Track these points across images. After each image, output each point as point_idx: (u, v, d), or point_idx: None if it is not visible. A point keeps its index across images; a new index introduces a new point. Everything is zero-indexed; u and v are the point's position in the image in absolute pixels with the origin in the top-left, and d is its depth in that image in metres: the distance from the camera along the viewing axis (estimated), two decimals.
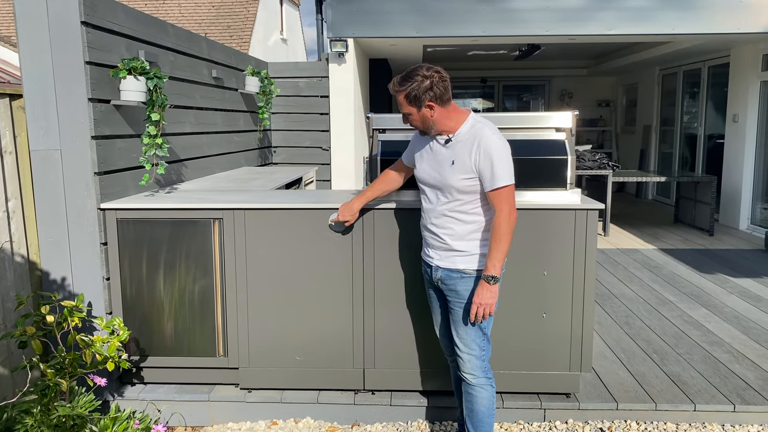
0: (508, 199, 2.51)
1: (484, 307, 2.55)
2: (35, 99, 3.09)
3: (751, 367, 3.75)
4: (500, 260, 2.53)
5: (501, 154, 2.50)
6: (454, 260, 2.65)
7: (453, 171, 2.55)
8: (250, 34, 16.12)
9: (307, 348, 3.34)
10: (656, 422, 3.28)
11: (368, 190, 3.04)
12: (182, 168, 4.29)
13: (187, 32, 4.41)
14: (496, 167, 2.48)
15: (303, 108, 6.93)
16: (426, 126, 2.61)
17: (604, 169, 7.79)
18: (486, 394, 2.71)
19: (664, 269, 6.12)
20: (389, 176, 3.00)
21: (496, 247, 2.51)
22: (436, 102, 2.52)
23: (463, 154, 2.54)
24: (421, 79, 2.50)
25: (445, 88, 2.53)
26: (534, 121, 3.34)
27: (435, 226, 2.67)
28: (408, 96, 2.53)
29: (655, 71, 10.84)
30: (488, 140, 2.51)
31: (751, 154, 8.01)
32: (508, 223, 2.50)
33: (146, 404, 3.35)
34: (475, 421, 2.75)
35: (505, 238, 2.51)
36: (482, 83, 13.12)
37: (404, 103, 2.57)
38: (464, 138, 2.56)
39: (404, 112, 2.60)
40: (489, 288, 2.54)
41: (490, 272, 2.53)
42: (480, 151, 2.50)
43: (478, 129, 2.55)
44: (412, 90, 2.51)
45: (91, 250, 3.20)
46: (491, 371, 2.76)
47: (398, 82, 2.55)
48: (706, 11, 6.54)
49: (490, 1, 6.61)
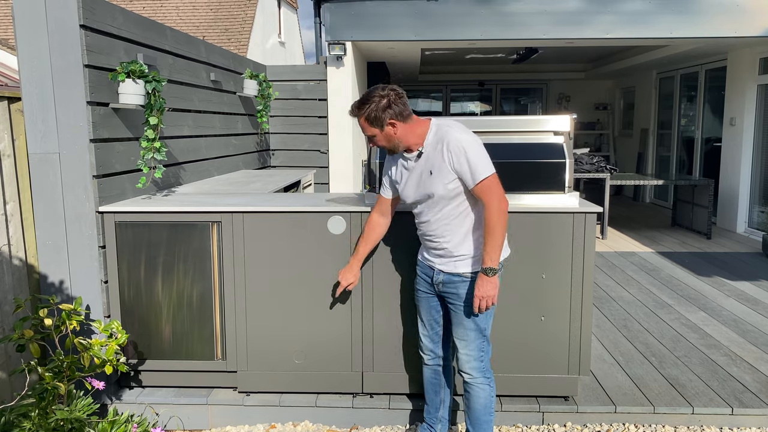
0: (493, 190, 2.52)
1: (486, 299, 2.59)
2: (34, 102, 3.09)
3: (749, 370, 3.76)
4: (497, 252, 2.55)
5: (472, 148, 2.52)
6: (456, 265, 2.67)
7: (434, 180, 2.57)
8: (248, 37, 16.13)
9: (305, 351, 3.33)
10: (654, 425, 3.28)
11: (361, 247, 2.99)
12: (180, 171, 4.29)
13: (186, 35, 4.42)
14: (471, 162, 2.50)
15: (301, 111, 6.94)
16: (392, 144, 2.62)
17: (601, 172, 7.81)
18: (482, 393, 2.74)
19: (662, 272, 6.13)
20: (376, 223, 2.94)
21: (491, 240, 2.53)
22: (397, 119, 2.55)
23: (436, 160, 2.56)
24: (378, 99, 2.53)
25: (403, 104, 2.57)
26: (532, 124, 3.34)
27: (433, 236, 2.70)
28: (368, 118, 2.55)
29: (653, 75, 10.88)
30: (455, 139, 2.53)
31: (748, 157, 8.03)
32: (499, 214, 2.51)
33: (144, 407, 3.34)
34: (473, 419, 2.79)
35: (498, 229, 2.52)
36: (480, 87, 13.15)
37: (366, 125, 2.59)
38: (433, 145, 2.59)
39: (368, 135, 2.62)
40: (489, 280, 2.57)
41: (487, 264, 2.55)
42: (451, 151, 2.52)
43: (443, 132, 2.57)
44: (371, 111, 2.54)
45: (89, 253, 3.20)
46: (491, 371, 2.78)
47: (356, 107, 2.58)
48: (703, 15, 6.57)
49: (488, 5, 6.63)
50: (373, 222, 2.94)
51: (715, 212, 8.54)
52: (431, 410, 3.04)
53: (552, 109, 13.05)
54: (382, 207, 2.91)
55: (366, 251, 3.00)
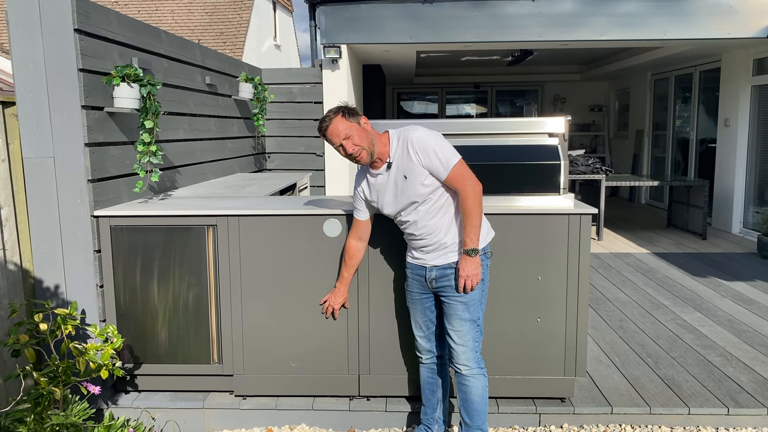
0: (465, 175, 2.60)
1: (471, 278, 2.67)
2: (28, 106, 3.08)
3: (745, 370, 3.77)
4: (476, 234, 2.64)
5: (435, 142, 2.61)
6: (447, 256, 2.73)
7: (412, 183, 2.63)
8: (243, 40, 16.13)
9: (301, 354, 3.33)
10: (651, 426, 3.28)
11: (344, 272, 3.08)
12: (176, 174, 4.28)
13: (181, 39, 4.42)
14: (439, 155, 2.58)
15: (297, 114, 6.94)
16: (369, 141, 2.64)
17: (597, 173, 7.83)
18: (479, 383, 2.79)
19: (658, 273, 6.14)
20: (355, 249, 2.99)
21: (470, 222, 2.62)
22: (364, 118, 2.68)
23: (406, 164, 2.63)
24: (338, 106, 2.67)
25: None
26: (527, 126, 3.35)
27: (421, 234, 2.74)
28: (345, 114, 2.62)
29: (647, 76, 10.91)
30: (415, 137, 2.61)
31: (743, 158, 8.06)
32: (474, 197, 2.60)
33: (140, 412, 3.33)
34: (471, 411, 2.81)
35: (476, 212, 2.61)
36: (475, 89, 13.17)
37: (344, 124, 2.60)
38: (399, 152, 2.65)
39: (345, 134, 2.59)
40: (471, 260, 2.66)
41: (468, 246, 2.65)
42: (417, 151, 2.59)
43: (404, 136, 2.65)
44: (343, 110, 2.64)
45: (84, 258, 3.19)
46: (483, 361, 2.84)
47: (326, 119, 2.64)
48: (696, 17, 6.60)
49: (482, 8, 6.64)
50: (352, 249, 2.99)
51: (710, 213, 8.57)
52: (428, 411, 3.05)
53: (547, 110, 13.08)
54: (359, 231, 2.94)
55: (350, 276, 3.10)
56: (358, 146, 2.61)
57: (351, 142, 2.60)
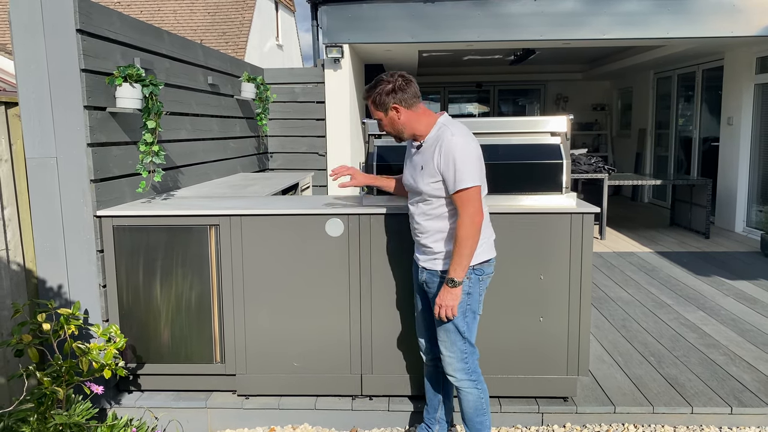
0: (471, 202, 2.49)
1: (445, 308, 2.57)
2: (31, 106, 3.09)
3: (748, 369, 3.76)
4: (462, 265, 2.51)
5: (463, 156, 2.49)
6: (435, 262, 2.68)
7: (422, 176, 2.60)
8: (245, 40, 16.14)
9: (304, 354, 3.33)
10: (654, 425, 3.28)
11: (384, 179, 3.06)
12: (178, 174, 4.29)
13: (183, 39, 4.42)
14: (457, 169, 2.48)
15: (299, 114, 6.94)
16: (396, 130, 2.66)
17: (599, 172, 7.82)
18: (470, 396, 2.74)
19: (661, 272, 6.13)
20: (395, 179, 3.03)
21: (458, 251, 2.51)
22: (401, 105, 2.58)
23: (429, 158, 2.58)
24: (384, 83, 2.58)
25: (411, 91, 2.59)
26: (529, 125, 3.35)
27: (416, 229, 2.74)
28: (375, 101, 2.61)
29: (650, 75, 10.89)
30: (449, 142, 2.50)
31: (746, 156, 8.04)
32: (470, 227, 2.48)
33: (143, 412, 3.34)
34: (465, 420, 2.82)
35: (467, 243, 2.49)
36: (478, 88, 13.16)
37: (373, 109, 2.65)
38: (431, 142, 2.60)
39: (375, 118, 2.70)
40: (449, 290, 2.55)
41: (450, 275, 2.53)
42: (441, 153, 2.51)
43: (442, 132, 2.57)
44: (377, 94, 2.59)
45: (87, 258, 3.20)
46: (477, 373, 2.76)
47: (366, 90, 2.65)
48: (699, 15, 6.58)
49: (484, 7, 6.64)
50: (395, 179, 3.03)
51: (713, 212, 8.55)
52: (430, 410, 3.04)
53: (550, 110, 13.06)
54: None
55: (381, 184, 3.05)
56: (385, 130, 2.71)
57: (381, 125, 2.70)
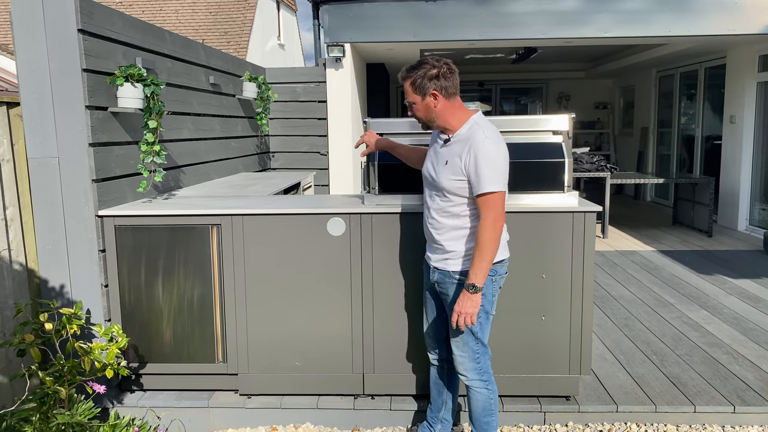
0: (494, 207, 2.45)
1: (465, 316, 2.51)
2: (33, 106, 3.09)
3: (751, 368, 3.75)
4: (482, 269, 2.46)
5: (491, 159, 2.45)
6: (447, 262, 2.65)
7: (444, 171, 2.56)
8: (247, 39, 16.15)
9: (306, 353, 3.33)
10: (656, 424, 3.27)
11: (402, 147, 3.06)
12: (180, 174, 4.29)
13: (184, 39, 4.42)
14: (483, 172, 2.44)
15: (301, 113, 6.94)
16: (428, 117, 2.61)
17: (602, 171, 7.81)
18: (479, 396, 2.72)
19: (663, 271, 6.12)
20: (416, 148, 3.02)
21: (479, 255, 2.46)
22: (440, 92, 2.54)
23: (456, 155, 2.53)
24: (429, 67, 2.52)
25: (452, 81, 2.55)
26: (531, 124, 3.34)
27: (431, 225, 2.69)
28: (414, 83, 2.54)
29: (652, 73, 10.87)
30: (480, 143, 2.47)
31: (748, 155, 8.02)
32: (492, 232, 2.44)
33: (146, 411, 3.34)
34: (473, 419, 2.80)
35: (488, 247, 2.45)
36: (480, 87, 13.15)
37: (410, 90, 2.58)
38: (461, 139, 2.55)
39: (409, 100, 2.60)
40: (470, 297, 2.49)
41: (471, 281, 2.48)
42: (470, 153, 2.47)
43: (474, 131, 2.53)
44: (418, 77, 2.53)
45: (89, 257, 3.20)
46: (488, 373, 2.74)
47: (407, 69, 2.58)
48: (701, 13, 6.56)
49: (486, 5, 6.63)
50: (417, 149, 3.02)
51: (716, 210, 8.53)
52: (434, 409, 3.04)
53: (552, 108, 13.04)
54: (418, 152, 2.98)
55: (397, 152, 3.06)
56: (415, 115, 2.65)
57: (412, 108, 2.63)
